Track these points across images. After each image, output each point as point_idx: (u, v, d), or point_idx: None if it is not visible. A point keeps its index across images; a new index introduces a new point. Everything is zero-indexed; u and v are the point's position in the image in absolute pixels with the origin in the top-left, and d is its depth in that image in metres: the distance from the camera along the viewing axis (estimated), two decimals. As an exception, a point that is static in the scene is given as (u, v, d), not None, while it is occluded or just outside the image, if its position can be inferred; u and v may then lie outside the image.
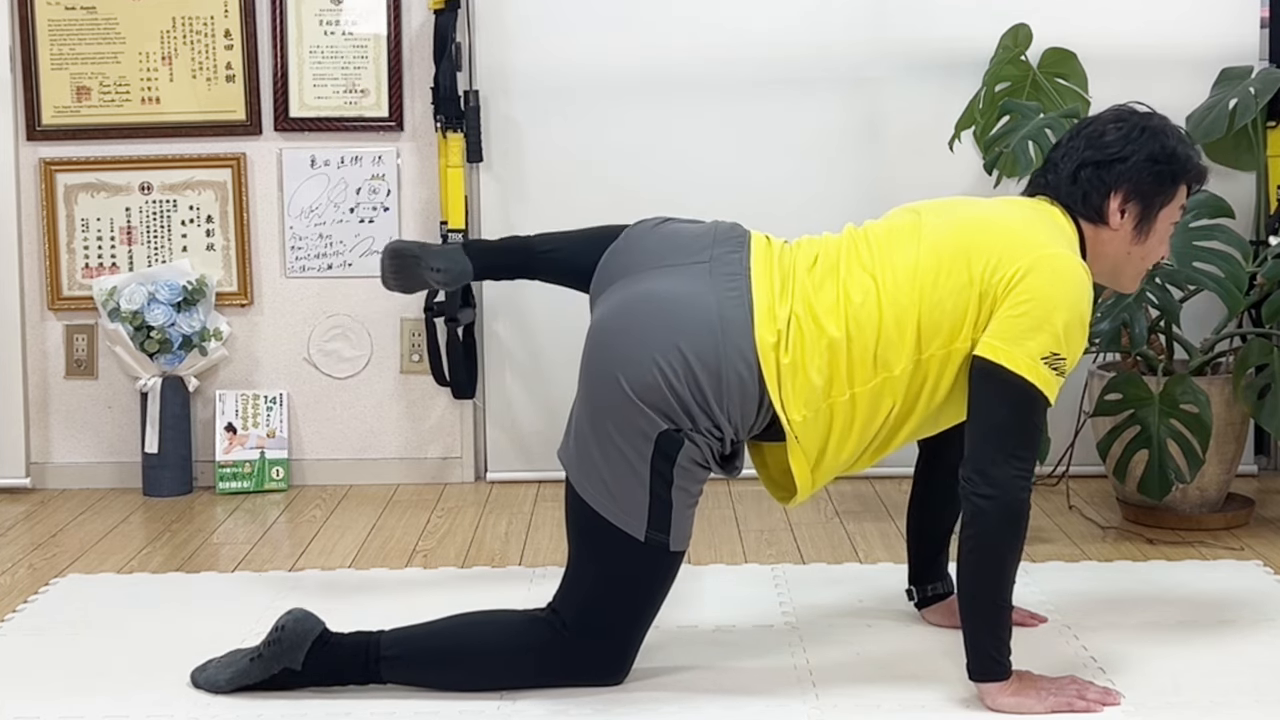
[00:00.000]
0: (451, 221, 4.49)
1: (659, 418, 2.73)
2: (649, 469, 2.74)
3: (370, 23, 4.59)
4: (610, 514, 2.76)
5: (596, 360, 2.80)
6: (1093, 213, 2.86)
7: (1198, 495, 4.01)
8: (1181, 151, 2.88)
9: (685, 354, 2.73)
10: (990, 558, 2.71)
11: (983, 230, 2.80)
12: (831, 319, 2.76)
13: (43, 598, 3.55)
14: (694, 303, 2.78)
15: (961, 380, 2.77)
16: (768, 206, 4.53)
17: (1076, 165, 2.87)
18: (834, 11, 4.56)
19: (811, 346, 2.76)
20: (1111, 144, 2.86)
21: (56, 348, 4.70)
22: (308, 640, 2.83)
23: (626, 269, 2.88)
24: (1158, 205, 2.87)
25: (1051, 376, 2.69)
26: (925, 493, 3.19)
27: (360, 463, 4.71)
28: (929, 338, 2.75)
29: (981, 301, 2.74)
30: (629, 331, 2.78)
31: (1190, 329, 4.16)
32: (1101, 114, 2.97)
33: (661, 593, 2.85)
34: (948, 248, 2.79)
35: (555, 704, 2.80)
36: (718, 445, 2.79)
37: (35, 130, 4.62)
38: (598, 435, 2.77)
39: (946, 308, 2.75)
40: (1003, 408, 2.69)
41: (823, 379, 2.76)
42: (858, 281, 2.79)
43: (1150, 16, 4.52)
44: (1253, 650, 3.05)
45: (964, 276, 2.75)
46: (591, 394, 2.79)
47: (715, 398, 2.74)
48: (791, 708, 2.79)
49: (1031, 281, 2.71)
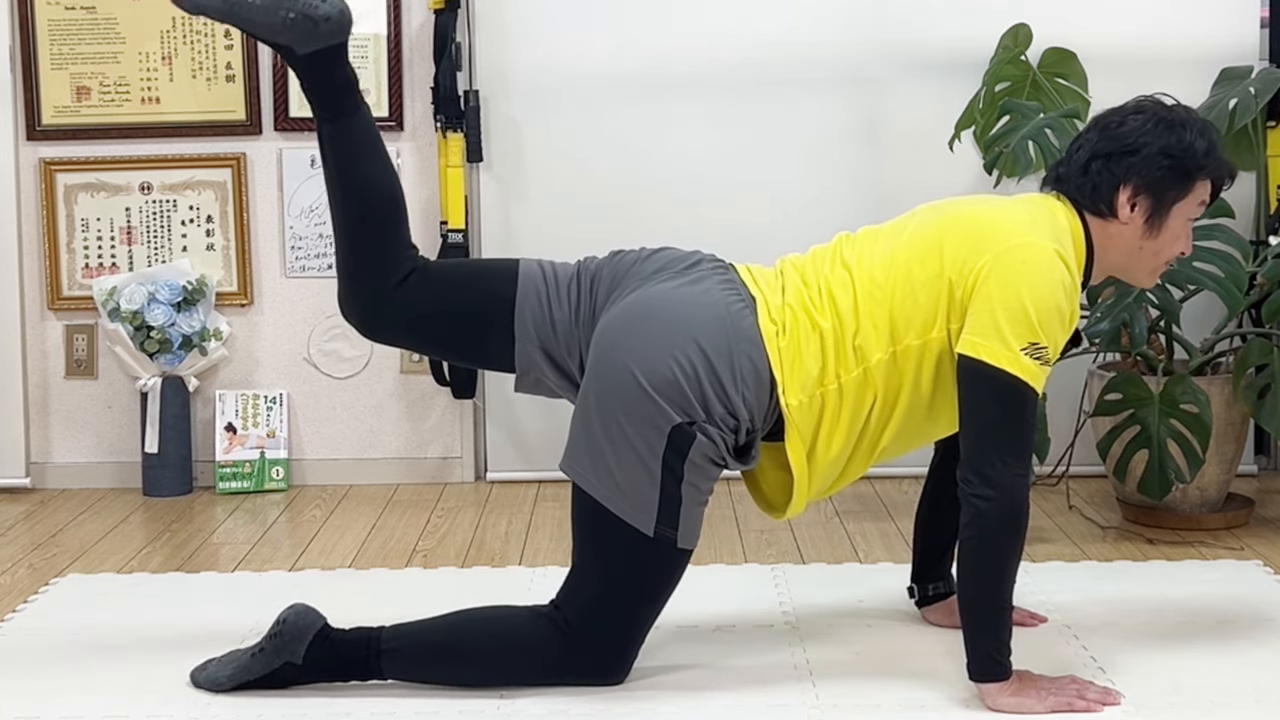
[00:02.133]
0: (451, 221, 4.49)
1: (674, 410, 2.73)
2: (660, 464, 2.74)
3: (370, 23, 4.58)
4: (619, 509, 2.76)
5: (608, 360, 2.79)
6: (1102, 206, 2.83)
7: (1198, 495, 4.01)
8: (1199, 146, 2.82)
9: (700, 344, 2.75)
10: (991, 558, 2.71)
11: (959, 222, 2.81)
12: (818, 311, 2.80)
13: (43, 598, 3.55)
14: (701, 299, 2.81)
15: (946, 378, 2.78)
16: (768, 206, 4.54)
17: (1088, 157, 2.85)
18: (834, 11, 4.56)
19: (805, 335, 2.79)
20: (1125, 135, 2.83)
21: (56, 348, 4.70)
22: (309, 634, 2.83)
23: (620, 284, 2.88)
24: (1170, 200, 2.83)
25: (1035, 367, 2.68)
26: (938, 490, 3.17)
27: (360, 463, 4.71)
28: (903, 329, 2.77)
29: (952, 292, 2.74)
30: (640, 329, 2.78)
31: (1190, 329, 4.16)
32: (1124, 105, 2.92)
33: (667, 591, 2.85)
34: (923, 240, 2.81)
35: (555, 704, 2.80)
36: (731, 437, 2.79)
37: (35, 130, 4.62)
38: (609, 432, 2.77)
39: (919, 298, 2.76)
40: (992, 405, 2.69)
41: (817, 366, 2.78)
42: (838, 276, 2.83)
43: (1150, 16, 4.52)
44: (1253, 650, 3.05)
45: (935, 267, 2.76)
46: (603, 391, 2.78)
47: (731, 384, 2.75)
48: (791, 707, 2.79)
49: (1000, 272, 2.71)
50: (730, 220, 4.47)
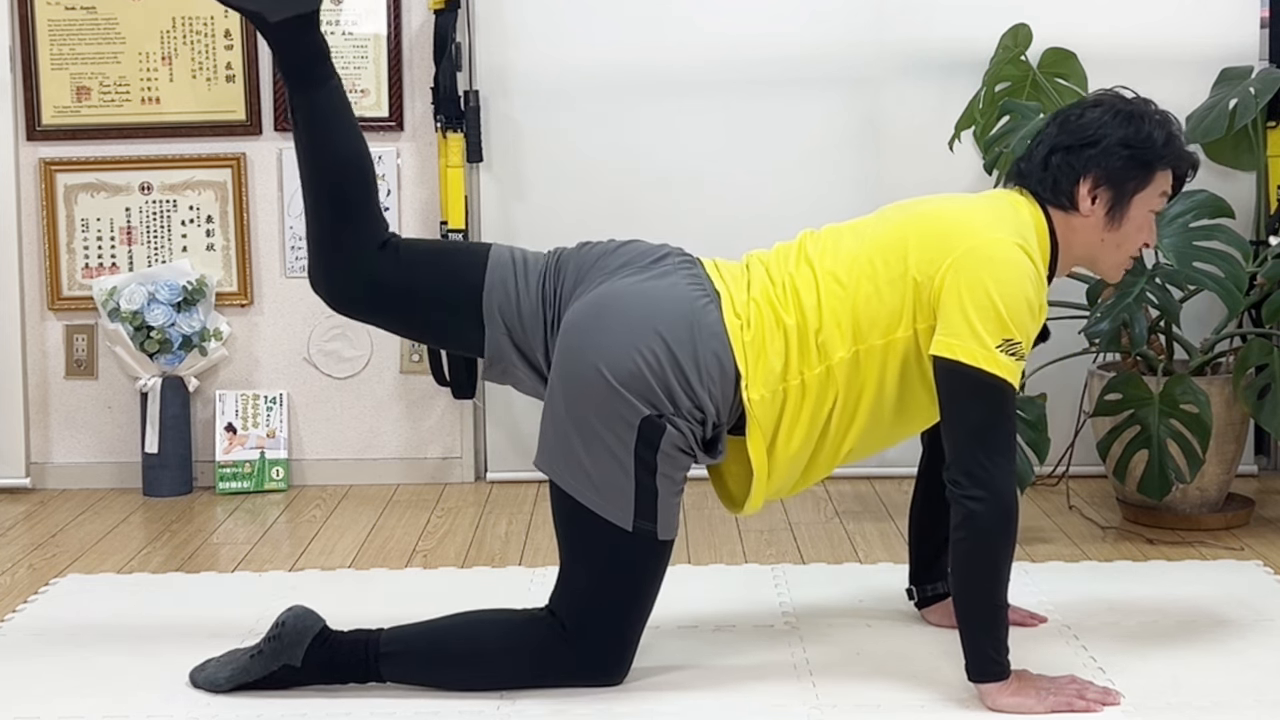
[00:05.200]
0: (451, 221, 4.49)
1: (641, 404, 2.73)
2: (633, 457, 2.75)
3: (370, 23, 4.59)
4: (597, 507, 2.76)
5: (574, 355, 2.79)
6: (1063, 199, 2.84)
7: (1198, 495, 4.01)
8: (1158, 136, 2.83)
9: (664, 338, 2.75)
10: (985, 558, 2.71)
11: (923, 221, 2.82)
12: (783, 306, 2.81)
13: (43, 598, 3.55)
14: (666, 293, 2.81)
15: (913, 377, 2.78)
16: (768, 206, 4.54)
17: (1049, 150, 2.86)
18: (834, 12, 4.56)
19: (770, 331, 2.79)
20: (1084, 128, 2.84)
21: (56, 348, 4.70)
22: (307, 637, 2.83)
23: (586, 279, 2.88)
24: (1130, 191, 2.84)
25: (1010, 363, 2.69)
26: (928, 491, 3.18)
27: (360, 463, 4.71)
28: (866, 328, 2.77)
29: (918, 292, 2.75)
30: (605, 324, 2.78)
31: (1190, 329, 4.16)
32: (1084, 99, 2.97)
33: (654, 584, 2.85)
34: (887, 239, 2.82)
35: (555, 704, 2.80)
36: (699, 430, 2.79)
37: (35, 130, 4.62)
38: (580, 429, 2.77)
39: (884, 297, 2.77)
40: (974, 406, 2.69)
41: (780, 362, 2.79)
42: (803, 273, 2.84)
43: (1150, 16, 4.52)
44: (1253, 650, 3.05)
45: (899, 268, 2.77)
46: (571, 388, 2.79)
47: (696, 377, 2.76)
48: (791, 708, 2.79)
49: (966, 271, 2.71)
50: (731, 220, 4.47)
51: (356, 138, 2.92)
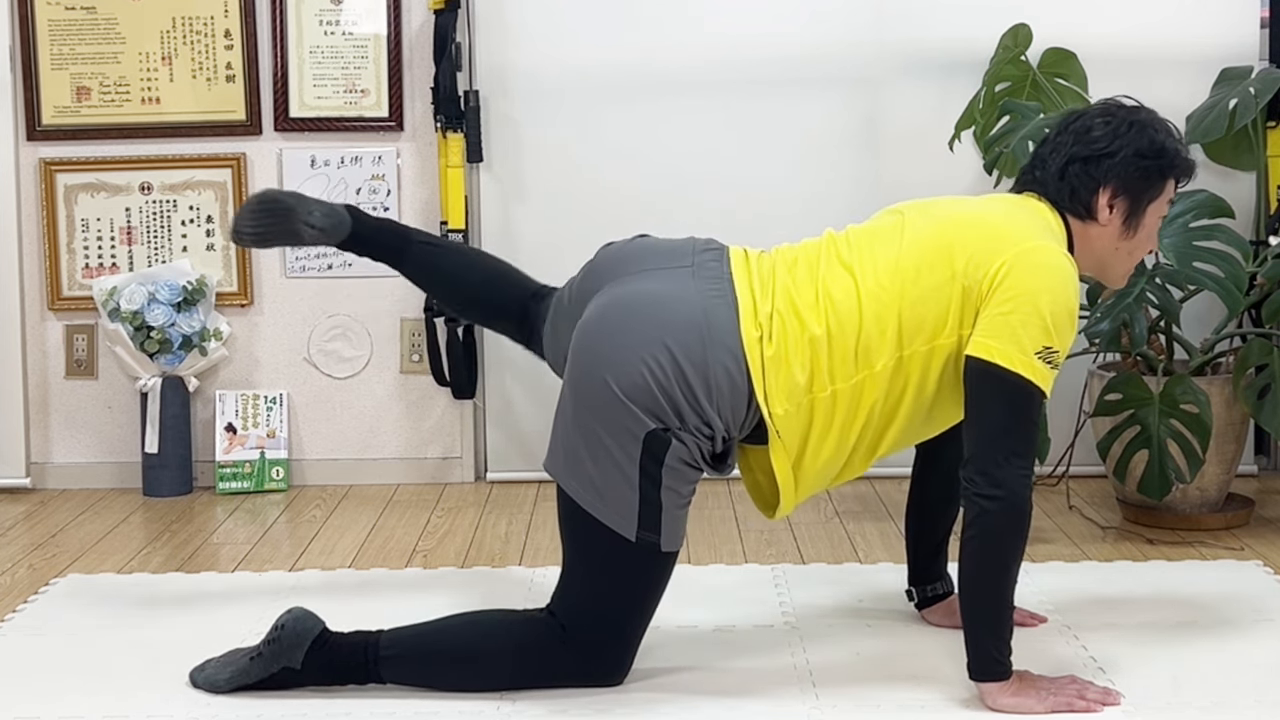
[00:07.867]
0: (452, 221, 4.49)
1: (647, 417, 2.72)
2: (637, 470, 2.74)
3: (370, 23, 4.59)
4: (601, 514, 2.76)
5: (583, 362, 2.79)
6: (1081, 208, 2.86)
7: (1198, 495, 4.01)
8: (1170, 146, 2.87)
9: (672, 351, 2.73)
10: (994, 558, 2.71)
11: (965, 226, 2.81)
12: (813, 315, 2.77)
13: (43, 598, 3.55)
14: (678, 301, 2.79)
15: (949, 380, 2.77)
16: (768, 207, 4.54)
17: (1065, 161, 2.87)
18: (834, 12, 4.56)
19: (794, 342, 2.76)
20: (1099, 139, 2.86)
21: (56, 348, 4.70)
22: (307, 639, 2.83)
23: (606, 277, 2.89)
24: (1146, 200, 2.87)
25: (1046, 370, 2.69)
26: (924, 493, 3.19)
27: (360, 463, 4.71)
28: (911, 334, 2.76)
29: (965, 298, 2.74)
30: (614, 332, 2.77)
31: (1190, 329, 4.16)
32: (1089, 108, 2.97)
33: (655, 593, 2.85)
34: (930, 244, 2.79)
35: (555, 704, 2.80)
36: (707, 444, 2.78)
37: (35, 130, 4.62)
38: (586, 437, 2.76)
39: (929, 303, 2.75)
40: (1001, 407, 2.69)
41: (805, 374, 2.76)
42: (838, 279, 2.80)
43: (1150, 16, 4.52)
44: (1253, 650, 3.05)
45: (946, 272, 2.75)
46: (579, 396, 2.79)
47: (704, 394, 2.73)
48: (791, 708, 2.79)
49: (1016, 276, 2.71)
50: (731, 220, 4.46)
51: (467, 267, 3.27)
